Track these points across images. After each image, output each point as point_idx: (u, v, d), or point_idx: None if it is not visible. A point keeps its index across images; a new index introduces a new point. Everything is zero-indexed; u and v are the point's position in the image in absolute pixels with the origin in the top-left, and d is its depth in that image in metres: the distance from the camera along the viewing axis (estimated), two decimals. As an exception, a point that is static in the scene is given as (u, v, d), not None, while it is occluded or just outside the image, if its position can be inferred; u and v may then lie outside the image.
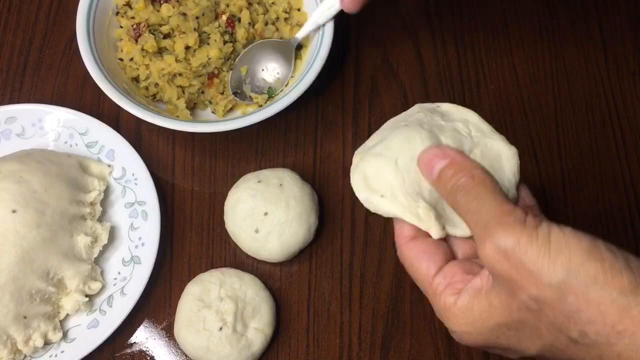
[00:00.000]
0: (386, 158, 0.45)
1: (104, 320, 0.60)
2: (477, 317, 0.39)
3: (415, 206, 0.43)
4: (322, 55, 0.66)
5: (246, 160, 0.69)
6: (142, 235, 0.63)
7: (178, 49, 0.66)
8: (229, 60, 0.68)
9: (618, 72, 0.74)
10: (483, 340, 0.40)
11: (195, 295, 0.60)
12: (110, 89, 0.63)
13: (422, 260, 0.42)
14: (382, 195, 0.44)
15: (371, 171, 0.45)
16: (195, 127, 0.64)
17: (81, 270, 0.60)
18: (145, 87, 0.68)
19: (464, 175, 0.40)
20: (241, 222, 0.63)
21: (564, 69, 0.74)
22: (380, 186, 0.44)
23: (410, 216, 0.43)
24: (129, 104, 0.63)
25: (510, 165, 0.45)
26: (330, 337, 0.62)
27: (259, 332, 0.59)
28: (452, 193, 0.41)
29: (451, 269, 0.41)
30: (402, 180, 0.44)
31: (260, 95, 0.68)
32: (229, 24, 0.68)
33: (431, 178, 0.42)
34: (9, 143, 0.66)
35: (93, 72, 0.64)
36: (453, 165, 0.41)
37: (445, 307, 0.41)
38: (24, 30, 0.75)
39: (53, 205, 0.60)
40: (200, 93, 0.68)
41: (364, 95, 0.72)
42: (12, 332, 0.57)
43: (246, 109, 0.69)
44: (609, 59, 0.75)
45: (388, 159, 0.44)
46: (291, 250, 0.63)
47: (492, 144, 0.46)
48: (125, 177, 0.65)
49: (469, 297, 0.40)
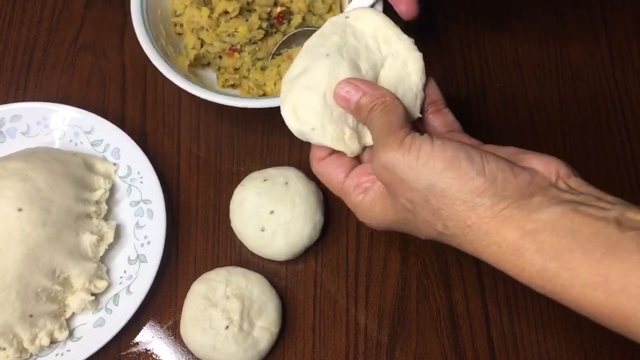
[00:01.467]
0: (314, 91, 0.50)
1: (110, 319, 0.60)
2: (378, 214, 0.50)
3: (342, 134, 0.50)
4: None
5: (251, 159, 0.69)
6: (147, 233, 0.63)
7: (217, 8, 0.67)
8: (255, 44, 0.68)
9: (623, 71, 0.74)
10: (386, 227, 0.51)
11: (201, 293, 0.60)
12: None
13: (333, 170, 0.52)
14: (313, 129, 0.50)
15: (301, 104, 0.50)
16: (228, 100, 0.63)
17: (87, 268, 0.60)
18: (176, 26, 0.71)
19: (378, 100, 0.48)
20: (247, 220, 0.62)
21: (569, 67, 0.74)
22: (310, 118, 0.50)
23: (338, 144, 0.50)
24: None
25: (416, 69, 0.52)
26: (336, 336, 0.62)
27: (265, 330, 0.59)
28: (368, 119, 0.49)
29: (357, 172, 0.51)
30: (330, 113, 0.50)
31: None
32: (278, 17, 0.69)
33: (350, 110, 0.50)
34: (14, 141, 0.66)
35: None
36: (367, 95, 0.49)
37: (355, 204, 0.51)
38: (29, 28, 0.75)
39: (58, 203, 0.60)
40: (218, 57, 0.69)
41: (369, 93, 0.72)
42: (18, 330, 0.57)
43: (248, 92, 0.69)
44: (614, 57, 0.75)
45: (316, 93, 0.50)
46: (297, 249, 0.62)
47: (398, 53, 0.52)
48: (131, 176, 0.65)
49: (370, 199, 0.50)
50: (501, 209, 0.43)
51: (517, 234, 0.43)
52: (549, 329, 0.62)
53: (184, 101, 0.71)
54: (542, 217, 0.42)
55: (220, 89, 0.69)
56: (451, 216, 0.45)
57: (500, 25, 0.76)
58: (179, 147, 0.69)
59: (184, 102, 0.71)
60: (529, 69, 0.74)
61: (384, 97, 0.49)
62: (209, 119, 0.71)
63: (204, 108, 0.71)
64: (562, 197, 0.43)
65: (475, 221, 0.44)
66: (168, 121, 0.70)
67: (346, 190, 0.51)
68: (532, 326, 0.62)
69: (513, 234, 0.43)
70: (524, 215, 0.43)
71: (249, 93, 0.69)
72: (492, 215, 0.43)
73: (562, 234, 0.41)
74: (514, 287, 0.63)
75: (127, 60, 0.73)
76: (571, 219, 0.42)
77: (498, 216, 0.43)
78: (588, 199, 0.43)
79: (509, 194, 0.43)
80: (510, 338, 0.62)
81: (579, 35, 0.76)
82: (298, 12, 0.70)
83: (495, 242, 0.43)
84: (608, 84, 0.73)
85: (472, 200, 0.43)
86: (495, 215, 0.43)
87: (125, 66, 0.73)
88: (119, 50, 0.74)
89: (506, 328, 0.62)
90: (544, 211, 0.42)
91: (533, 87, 0.73)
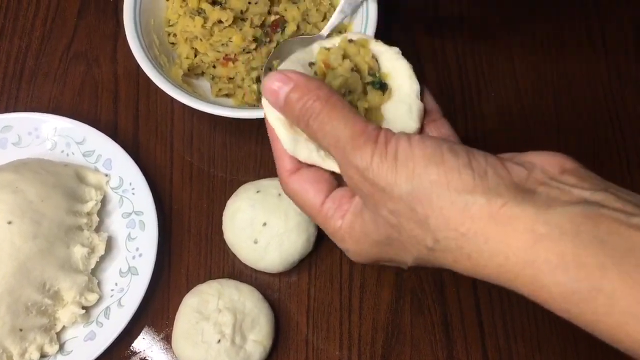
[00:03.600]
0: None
1: (101, 332, 0.59)
2: (359, 236, 0.40)
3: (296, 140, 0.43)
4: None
5: (245, 170, 0.68)
6: (139, 245, 0.62)
7: (211, 17, 0.67)
8: (249, 53, 0.68)
9: (620, 79, 0.74)
10: (371, 257, 0.41)
11: (193, 307, 0.59)
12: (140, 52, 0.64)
13: (308, 190, 0.42)
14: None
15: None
16: (226, 111, 0.62)
17: (78, 281, 0.59)
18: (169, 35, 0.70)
19: (310, 98, 0.39)
20: (240, 232, 0.62)
21: (565, 76, 0.74)
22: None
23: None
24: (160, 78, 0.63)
25: (405, 78, 0.45)
26: (329, 349, 0.61)
27: (257, 344, 0.58)
28: (302, 119, 0.40)
29: (338, 194, 0.42)
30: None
31: None
32: (273, 25, 0.68)
33: (279, 105, 0.41)
34: (5, 152, 0.66)
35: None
36: (297, 89, 0.40)
37: (335, 230, 0.42)
38: (20, 37, 0.74)
39: (49, 215, 0.59)
40: (212, 67, 0.69)
41: (363, 102, 0.72)
42: (8, 344, 0.56)
43: (242, 101, 0.68)
44: (610, 66, 0.74)
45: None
46: (290, 261, 0.62)
47: (385, 64, 0.46)
48: (123, 187, 0.65)
49: (351, 217, 0.41)
50: (500, 206, 0.35)
51: (527, 241, 0.34)
52: (544, 343, 0.61)
53: (177, 111, 0.71)
54: (555, 219, 0.34)
55: (214, 98, 0.69)
56: (440, 225, 0.36)
57: (495, 34, 0.76)
58: (172, 157, 0.69)
59: (177, 111, 0.71)
60: (524, 77, 0.73)
61: (318, 89, 0.39)
62: (202, 128, 0.70)
63: (197, 118, 0.70)
64: (576, 195, 0.35)
65: (470, 226, 0.35)
66: (161, 131, 0.70)
67: (325, 213, 0.42)
68: (528, 339, 0.62)
69: (522, 240, 0.34)
70: (530, 215, 0.34)
71: (243, 102, 0.68)
72: (489, 216, 0.35)
73: (588, 243, 0.33)
74: (510, 300, 0.63)
75: (120, 69, 0.73)
76: (596, 225, 0.33)
77: (498, 217, 0.35)
78: (609, 199, 0.35)
79: (505, 190, 0.35)
80: (505, 351, 0.61)
81: (575, 43, 0.75)
82: (292, 20, 0.69)
83: (500, 252, 0.35)
84: (604, 93, 0.73)
85: (463, 199, 0.35)
86: (494, 216, 0.35)
87: (118, 75, 0.72)
88: (111, 60, 0.73)
89: (501, 341, 0.62)
90: (556, 211, 0.34)
91: (529, 95, 0.73)
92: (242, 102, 0.68)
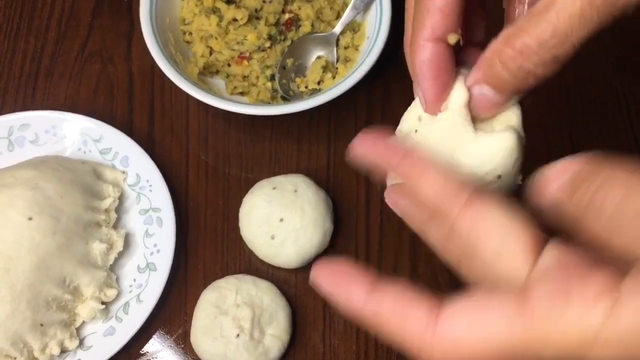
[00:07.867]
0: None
1: (120, 327, 0.60)
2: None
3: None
4: (369, 60, 0.65)
5: (260, 166, 0.69)
6: (157, 242, 0.63)
7: (226, 16, 0.68)
8: (263, 52, 0.69)
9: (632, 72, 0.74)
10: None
11: (212, 301, 0.59)
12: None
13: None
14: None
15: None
16: (241, 108, 0.64)
17: (97, 277, 0.60)
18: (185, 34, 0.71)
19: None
20: (257, 228, 0.62)
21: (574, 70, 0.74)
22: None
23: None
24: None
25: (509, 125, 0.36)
26: (346, 344, 0.62)
27: (275, 338, 0.59)
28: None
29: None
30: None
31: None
32: (287, 23, 0.69)
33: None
34: (22, 150, 0.66)
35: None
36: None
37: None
38: (36, 37, 0.75)
39: (68, 212, 0.60)
40: (227, 65, 0.69)
41: (377, 100, 0.72)
42: (29, 339, 0.57)
43: (257, 99, 0.68)
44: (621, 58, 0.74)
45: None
46: (307, 256, 0.62)
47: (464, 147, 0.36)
48: (140, 184, 0.65)
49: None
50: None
51: None
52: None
53: (192, 109, 0.71)
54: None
55: (229, 96, 0.69)
56: None
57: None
58: (187, 154, 0.69)
59: (192, 109, 0.71)
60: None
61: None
62: (217, 126, 0.71)
63: (212, 115, 0.71)
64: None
65: None
66: (176, 129, 0.70)
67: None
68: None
69: None
70: None
71: (257, 100, 0.69)
72: None
73: None
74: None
75: (135, 68, 0.73)
76: None
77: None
78: None
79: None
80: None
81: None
82: (306, 19, 0.70)
83: None
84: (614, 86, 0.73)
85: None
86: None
87: (133, 74, 0.73)
88: (126, 58, 0.74)
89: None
90: None
91: (540, 89, 0.73)
92: (257, 99, 0.69)
